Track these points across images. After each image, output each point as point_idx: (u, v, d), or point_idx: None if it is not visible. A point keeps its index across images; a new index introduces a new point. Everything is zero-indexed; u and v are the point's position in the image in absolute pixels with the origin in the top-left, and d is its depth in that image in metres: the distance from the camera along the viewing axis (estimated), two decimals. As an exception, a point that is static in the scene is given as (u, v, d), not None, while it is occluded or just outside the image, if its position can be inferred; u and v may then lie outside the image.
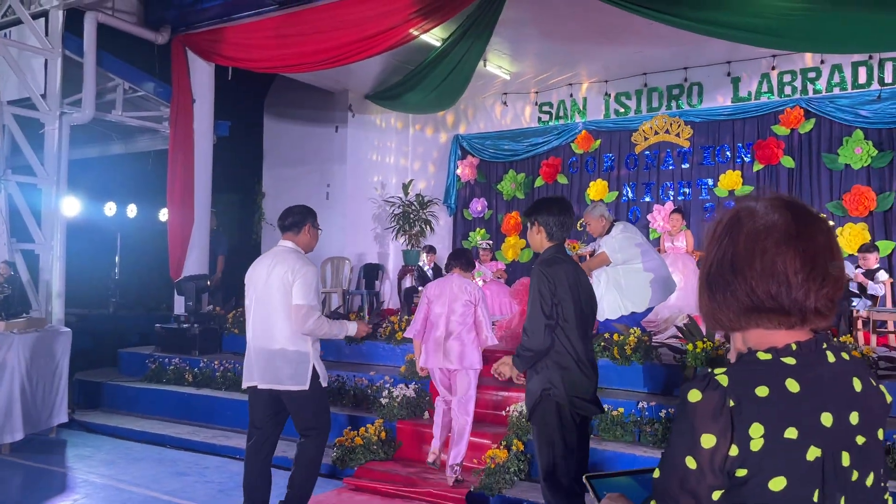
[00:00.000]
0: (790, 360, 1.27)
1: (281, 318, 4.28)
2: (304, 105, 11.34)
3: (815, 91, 9.10)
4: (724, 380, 1.25)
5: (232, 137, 10.30)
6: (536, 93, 11.05)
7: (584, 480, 1.55)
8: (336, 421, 6.37)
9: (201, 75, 9.13)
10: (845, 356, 1.34)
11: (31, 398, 6.71)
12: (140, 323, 11.72)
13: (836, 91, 8.97)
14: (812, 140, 9.15)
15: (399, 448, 6.06)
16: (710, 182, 9.76)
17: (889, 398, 1.39)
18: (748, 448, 1.22)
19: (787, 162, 9.24)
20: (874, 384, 1.36)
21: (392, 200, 11.26)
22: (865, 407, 1.30)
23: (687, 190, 9.90)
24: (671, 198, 9.93)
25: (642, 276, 6.46)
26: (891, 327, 7.42)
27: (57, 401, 7.01)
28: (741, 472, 1.22)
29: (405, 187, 11.41)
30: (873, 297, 7.52)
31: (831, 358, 1.31)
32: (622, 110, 10.42)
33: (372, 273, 10.95)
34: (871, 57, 8.68)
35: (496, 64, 9.85)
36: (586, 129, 10.60)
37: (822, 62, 9.03)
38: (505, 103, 11.29)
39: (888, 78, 8.66)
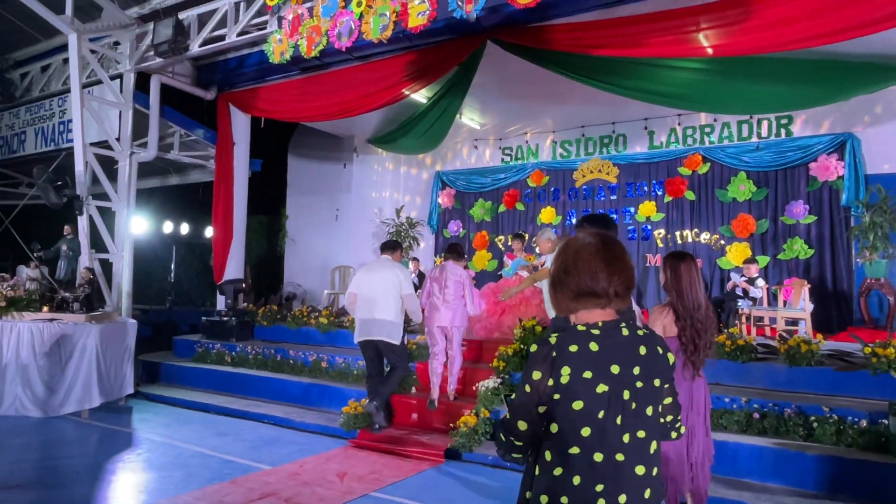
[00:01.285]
0: (596, 332, 1.64)
1: (388, 302, 5.50)
2: (319, 147, 11.33)
3: (710, 142, 9.20)
4: (553, 340, 1.63)
5: (263, 172, 10.31)
6: (500, 139, 11.07)
7: (503, 398, 1.75)
8: (342, 395, 6.47)
9: (240, 123, 9.13)
10: (640, 332, 1.68)
11: (106, 374, 6.71)
12: (190, 316, 11.65)
13: (726, 142, 9.07)
14: (708, 179, 9.23)
15: (392, 416, 6.08)
16: (633, 210, 9.82)
17: (671, 361, 1.72)
18: (560, 381, 1.59)
19: (690, 195, 9.33)
20: (661, 352, 1.69)
21: (387, 222, 11.23)
22: (646, 364, 1.65)
23: (615, 216, 9.97)
24: (602, 222, 10.03)
25: None
26: (766, 322, 7.57)
27: (125, 376, 7.00)
28: (556, 396, 1.60)
29: (398, 212, 11.41)
30: (754, 299, 7.68)
31: (625, 332, 1.66)
32: (565, 154, 10.48)
33: (372, 278, 10.90)
34: (751, 117, 8.82)
35: (469, 116, 9.87)
36: (538, 168, 10.62)
37: (715, 120, 9.16)
38: (476, 146, 11.31)
39: (764, 133, 8.80)
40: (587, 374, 1.58)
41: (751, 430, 4.85)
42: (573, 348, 1.60)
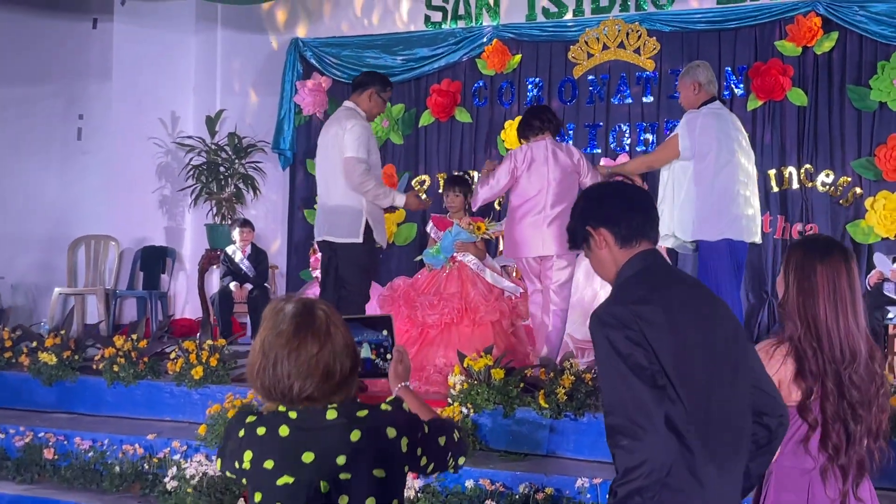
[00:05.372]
0: (293, 415, 2.49)
1: (335, 175, 6.86)
2: (38, -16, 11.00)
3: (838, -10, 9.40)
4: (251, 419, 2.55)
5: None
6: (423, -24, 11.10)
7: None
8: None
9: None
10: (361, 414, 2.51)
11: None
12: None
13: (868, -9, 9.29)
14: (834, 64, 9.42)
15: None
16: (685, 126, 9.97)
17: (405, 447, 2.52)
18: (243, 467, 2.52)
19: (797, 97, 9.47)
20: (390, 436, 2.50)
21: (190, 143, 11.18)
22: (353, 453, 2.45)
23: (650, 136, 10.05)
24: (626, 148, 10.08)
25: (710, 188, 6.47)
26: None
27: None
28: (244, 481, 2.59)
29: (211, 122, 11.35)
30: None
31: (331, 415, 2.49)
32: (554, 10, 10.53)
33: (155, 262, 10.94)
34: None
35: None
36: (499, 38, 10.66)
37: (849, -52, 9.34)
38: (374, -7, 11.31)
39: (940, -25, 9.05)
40: (268, 464, 2.47)
41: None
42: (260, 431, 2.50)
